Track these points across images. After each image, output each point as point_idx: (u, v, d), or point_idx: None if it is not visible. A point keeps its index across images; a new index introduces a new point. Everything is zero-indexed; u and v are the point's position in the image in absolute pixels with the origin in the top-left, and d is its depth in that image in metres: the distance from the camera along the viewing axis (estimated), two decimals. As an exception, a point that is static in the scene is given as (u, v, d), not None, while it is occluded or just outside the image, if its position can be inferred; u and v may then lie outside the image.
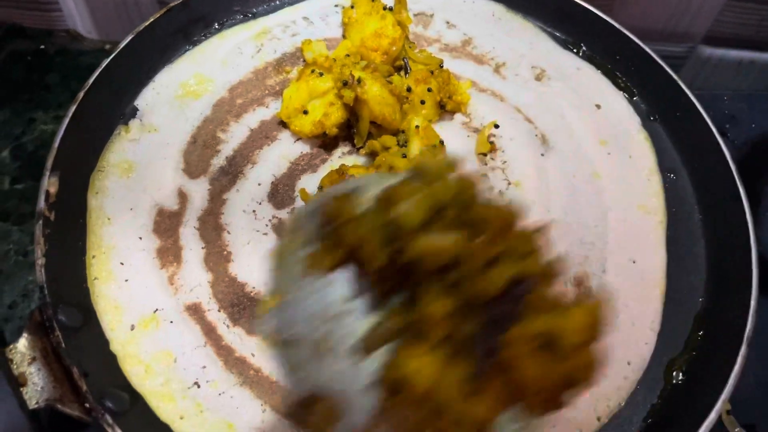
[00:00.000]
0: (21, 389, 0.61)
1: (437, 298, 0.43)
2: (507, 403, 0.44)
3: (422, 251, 0.43)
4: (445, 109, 0.88)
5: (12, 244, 0.99)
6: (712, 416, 0.66)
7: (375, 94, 0.78)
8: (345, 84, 0.78)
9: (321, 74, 0.82)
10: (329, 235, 0.47)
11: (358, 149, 0.84)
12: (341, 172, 0.76)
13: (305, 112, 0.82)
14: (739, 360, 0.69)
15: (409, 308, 0.44)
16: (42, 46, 1.23)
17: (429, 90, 0.84)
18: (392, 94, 0.80)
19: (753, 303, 0.73)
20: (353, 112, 0.81)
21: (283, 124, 0.85)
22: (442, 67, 0.87)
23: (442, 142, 0.82)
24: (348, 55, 0.85)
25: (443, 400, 0.42)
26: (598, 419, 0.69)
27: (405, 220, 0.44)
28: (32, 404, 0.61)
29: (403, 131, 0.81)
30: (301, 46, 0.90)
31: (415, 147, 0.79)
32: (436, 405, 0.42)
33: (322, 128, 0.81)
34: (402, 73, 0.87)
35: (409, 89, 0.83)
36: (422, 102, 0.83)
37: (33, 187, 1.04)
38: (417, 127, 0.80)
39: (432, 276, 0.44)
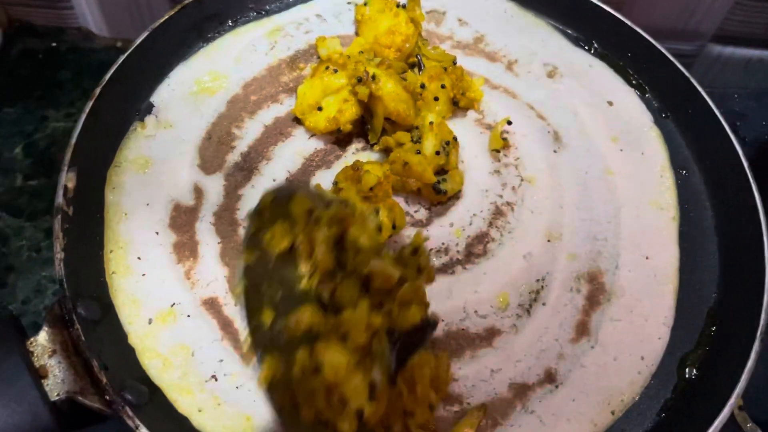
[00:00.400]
0: (42, 381, 0.62)
1: (367, 312, 0.55)
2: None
3: (374, 271, 0.55)
4: (458, 105, 0.88)
5: (25, 240, 1.00)
6: (726, 411, 0.67)
7: (389, 90, 0.78)
8: (359, 80, 0.79)
9: (335, 71, 0.82)
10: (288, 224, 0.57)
11: (372, 145, 0.84)
12: (356, 168, 0.76)
13: (319, 109, 0.82)
14: (752, 356, 0.70)
15: (339, 310, 0.55)
16: (54, 44, 1.24)
17: (443, 87, 0.84)
18: (406, 91, 0.80)
19: (766, 298, 0.73)
20: (367, 108, 0.82)
21: (298, 121, 0.86)
22: (455, 64, 0.87)
23: (455, 139, 0.82)
24: (362, 52, 0.86)
25: (346, 394, 0.52)
26: (612, 413, 0.69)
27: (361, 243, 0.56)
28: (53, 396, 0.62)
29: (417, 127, 0.82)
30: (316, 42, 0.91)
31: (430, 143, 0.80)
32: (339, 395, 0.52)
33: (337, 124, 0.82)
34: (415, 69, 0.88)
35: (422, 86, 0.83)
36: (436, 99, 0.84)
37: (45, 184, 1.06)
38: (431, 123, 0.80)
39: (369, 294, 0.56)
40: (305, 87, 0.84)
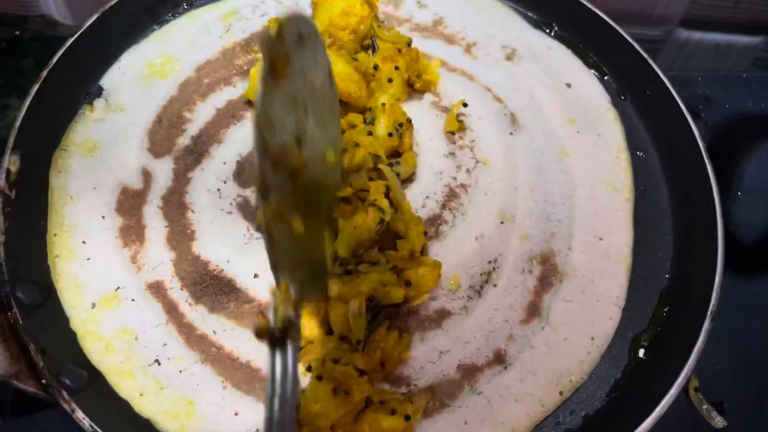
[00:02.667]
0: (-25, 365, 0.61)
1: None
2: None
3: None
4: (414, 88, 0.87)
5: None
6: (674, 391, 0.66)
7: (339, 71, 0.77)
8: None
9: None
10: None
11: (326, 128, 0.83)
12: None
13: None
14: (703, 334, 0.69)
15: None
16: (17, 32, 1.22)
17: (396, 68, 0.83)
18: (357, 72, 0.79)
19: (717, 279, 0.73)
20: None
21: (250, 104, 0.84)
22: (410, 45, 0.86)
23: (409, 120, 0.82)
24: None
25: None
26: (561, 393, 0.69)
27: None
28: (-13, 380, 0.61)
29: (370, 109, 0.81)
30: (267, 24, 0.89)
31: (382, 125, 0.79)
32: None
33: None
34: (369, 51, 0.87)
35: (376, 67, 0.82)
36: (390, 80, 0.83)
37: (6, 173, 1.04)
38: (383, 104, 0.79)
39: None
40: (259, 69, 0.82)
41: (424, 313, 0.72)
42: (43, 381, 0.62)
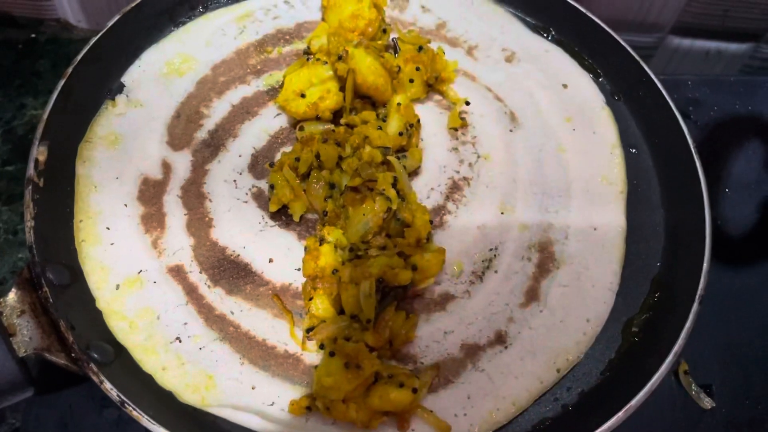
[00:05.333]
0: (11, 338, 0.64)
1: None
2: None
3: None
4: (433, 88, 0.92)
5: (2, 223, 1.03)
6: (663, 369, 0.70)
7: (368, 64, 0.82)
8: (339, 58, 0.82)
9: (326, 63, 0.85)
10: None
11: (338, 124, 0.87)
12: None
13: (303, 96, 0.85)
14: (691, 317, 0.73)
15: None
16: (33, 35, 1.27)
17: (417, 69, 0.87)
18: (384, 67, 0.84)
19: (705, 266, 0.77)
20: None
21: (264, 101, 0.89)
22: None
23: (419, 121, 0.86)
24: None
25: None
26: (558, 371, 0.73)
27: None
28: (21, 352, 0.65)
29: (384, 105, 0.86)
30: (309, 36, 0.93)
31: (394, 124, 0.83)
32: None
33: (316, 110, 0.85)
34: (391, 51, 0.91)
35: (398, 69, 0.87)
36: (411, 81, 0.87)
37: (23, 169, 1.07)
38: (398, 104, 0.84)
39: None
40: (293, 75, 0.86)
41: (429, 297, 0.77)
42: (73, 355, 0.66)
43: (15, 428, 0.84)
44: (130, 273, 0.75)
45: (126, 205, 0.79)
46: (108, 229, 0.77)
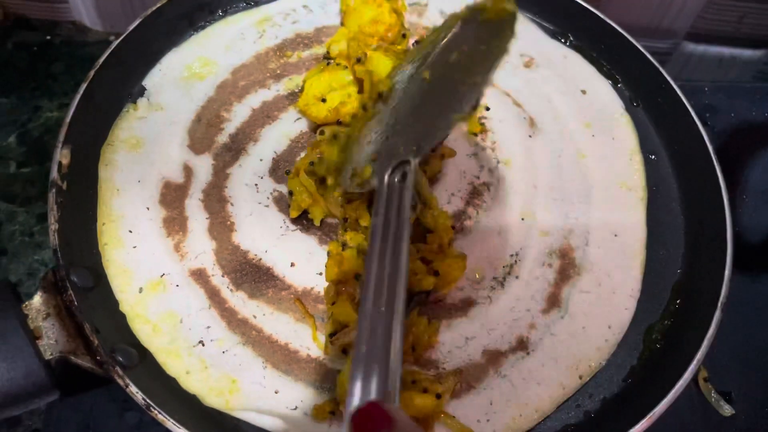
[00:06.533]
0: (36, 341, 0.65)
1: None
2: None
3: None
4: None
5: (18, 225, 1.03)
6: (686, 376, 0.70)
7: (387, 66, 0.81)
8: (358, 61, 0.83)
9: (346, 67, 0.86)
10: None
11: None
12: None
13: (323, 100, 0.85)
14: (713, 324, 0.74)
15: None
16: (48, 38, 1.27)
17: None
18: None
19: (727, 273, 0.77)
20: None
21: (285, 105, 0.89)
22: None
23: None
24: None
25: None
26: (580, 377, 0.73)
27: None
28: (47, 355, 0.65)
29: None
30: (329, 41, 0.93)
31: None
32: None
33: (337, 115, 0.85)
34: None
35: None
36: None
37: (38, 171, 1.09)
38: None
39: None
40: (313, 80, 0.86)
41: (450, 302, 0.77)
42: (98, 358, 0.66)
43: (33, 430, 0.85)
44: (152, 276, 0.75)
45: (148, 209, 0.79)
46: (130, 232, 0.77)
